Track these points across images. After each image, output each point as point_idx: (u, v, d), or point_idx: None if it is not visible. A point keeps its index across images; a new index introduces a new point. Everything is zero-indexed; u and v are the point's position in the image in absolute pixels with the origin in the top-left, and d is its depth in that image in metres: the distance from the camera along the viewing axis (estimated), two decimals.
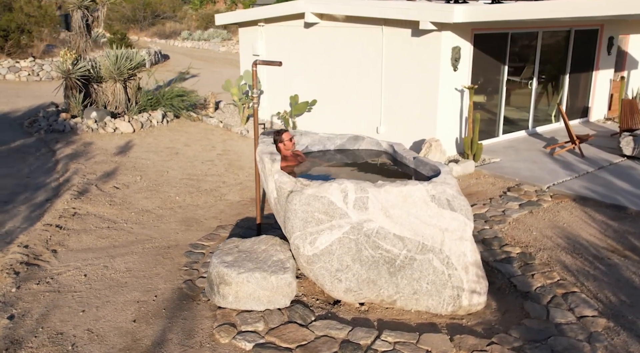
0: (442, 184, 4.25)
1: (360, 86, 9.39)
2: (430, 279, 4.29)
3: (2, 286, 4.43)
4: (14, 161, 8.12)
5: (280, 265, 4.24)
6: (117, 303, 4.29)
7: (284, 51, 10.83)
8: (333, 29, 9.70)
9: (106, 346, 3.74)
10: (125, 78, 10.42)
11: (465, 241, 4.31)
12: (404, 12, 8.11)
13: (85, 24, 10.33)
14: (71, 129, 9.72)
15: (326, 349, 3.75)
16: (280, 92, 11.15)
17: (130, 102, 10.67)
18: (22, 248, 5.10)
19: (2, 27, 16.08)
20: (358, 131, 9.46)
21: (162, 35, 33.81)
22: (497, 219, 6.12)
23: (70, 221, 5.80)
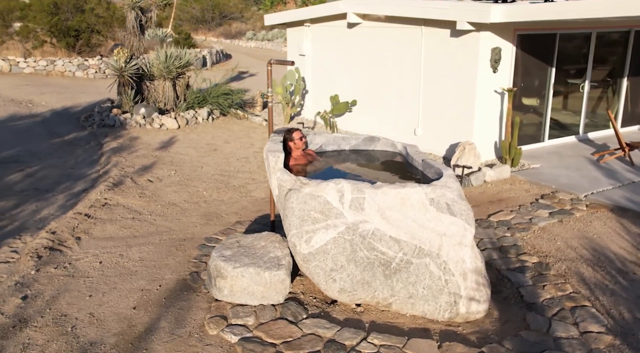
0: (442, 188, 4.16)
1: (399, 87, 9.29)
2: (427, 284, 4.21)
3: (24, 269, 4.75)
4: (64, 152, 8.64)
5: (275, 261, 4.30)
6: (123, 290, 4.50)
7: (328, 51, 10.88)
8: (374, 29, 9.65)
9: (102, 330, 3.93)
10: (174, 76, 10.83)
11: (464, 247, 4.20)
12: (441, 11, 7.96)
13: (139, 24, 10.81)
14: (121, 124, 10.22)
15: (310, 347, 3.77)
16: (324, 92, 11.21)
17: (179, 99, 11.08)
18: (49, 234, 5.44)
19: (74, 27, 17.10)
20: (396, 132, 9.38)
21: (228, 35, 34.76)
22: (521, 227, 5.90)
23: (99, 211, 6.12)
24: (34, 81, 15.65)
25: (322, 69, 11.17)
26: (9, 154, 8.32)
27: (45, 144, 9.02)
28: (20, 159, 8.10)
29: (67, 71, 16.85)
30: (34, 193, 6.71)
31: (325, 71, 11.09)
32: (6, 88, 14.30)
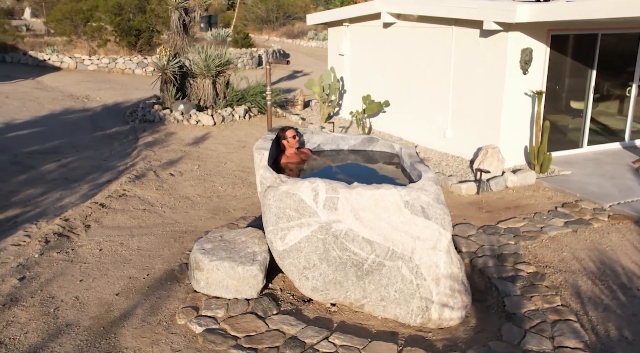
0: (417, 191, 4.09)
1: (430, 87, 9.12)
2: (398, 287, 4.15)
3: (30, 252, 5.08)
4: (102, 145, 9.13)
5: (251, 257, 4.37)
6: (112, 276, 4.72)
7: (365, 50, 10.85)
8: (408, 29, 9.53)
9: (82, 313, 4.15)
10: (214, 74, 11.15)
11: (438, 251, 4.11)
12: (468, 11, 7.75)
13: (182, 24, 11.21)
14: (160, 119, 10.65)
15: (270, 343, 3.82)
16: (361, 91, 11.17)
17: (218, 97, 11.40)
18: (62, 221, 5.78)
19: (135, 27, 17.95)
20: (426, 134, 9.22)
21: (291, 35, 35.21)
22: (529, 235, 5.66)
23: (114, 201, 6.44)
24: (96, 77, 16.57)
25: (359, 69, 11.15)
26: (52, 146, 8.88)
27: (87, 137, 9.55)
28: (60, 151, 8.63)
29: (127, 68, 17.72)
30: (63, 182, 7.13)
31: (362, 70, 11.06)
32: (69, 84, 15.23)
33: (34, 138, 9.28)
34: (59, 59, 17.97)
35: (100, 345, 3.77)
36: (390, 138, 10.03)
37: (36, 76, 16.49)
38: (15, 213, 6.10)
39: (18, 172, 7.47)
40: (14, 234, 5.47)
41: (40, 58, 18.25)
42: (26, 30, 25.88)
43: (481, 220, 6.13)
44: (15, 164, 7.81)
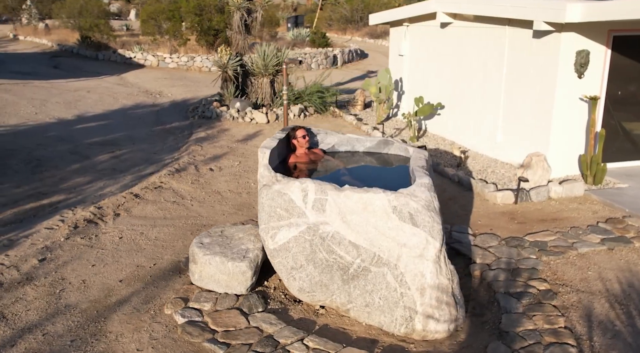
0: (406, 196, 3.95)
1: (483, 90, 8.76)
2: (383, 294, 4.04)
3: (58, 236, 5.47)
4: (157, 139, 9.60)
5: (243, 253, 4.43)
6: (122, 264, 4.97)
7: (423, 51, 10.60)
8: (463, 30, 9.20)
9: (83, 295, 4.41)
10: (272, 73, 11.36)
11: (425, 260, 3.95)
12: (519, 10, 7.35)
13: (244, 24, 11.52)
14: (217, 116, 11.02)
15: (244, 339, 3.86)
16: (417, 93, 10.93)
17: (276, 95, 11.60)
18: (95, 208, 6.16)
19: (213, 27, 18.68)
20: (478, 138, 8.87)
21: (373, 35, 35.02)
22: (555, 250, 5.29)
23: (149, 193, 6.75)
24: (173, 75, 17.43)
25: (416, 70, 10.91)
26: (111, 138, 9.47)
27: (147, 131, 10.09)
28: (118, 143, 9.18)
29: (204, 66, 18.46)
30: (110, 173, 7.59)
31: (419, 72, 10.81)
32: (147, 81, 16.14)
33: (98, 130, 9.93)
34: (143, 57, 19.09)
35: (89, 327, 3.98)
36: (443, 141, 9.74)
37: (121, 72, 17.63)
38: (59, 199, 6.57)
39: (74, 161, 8.03)
40: (50, 218, 5.90)
41: (127, 56, 19.49)
42: (126, 30, 27.71)
43: (509, 231, 5.80)
44: (74, 154, 8.41)
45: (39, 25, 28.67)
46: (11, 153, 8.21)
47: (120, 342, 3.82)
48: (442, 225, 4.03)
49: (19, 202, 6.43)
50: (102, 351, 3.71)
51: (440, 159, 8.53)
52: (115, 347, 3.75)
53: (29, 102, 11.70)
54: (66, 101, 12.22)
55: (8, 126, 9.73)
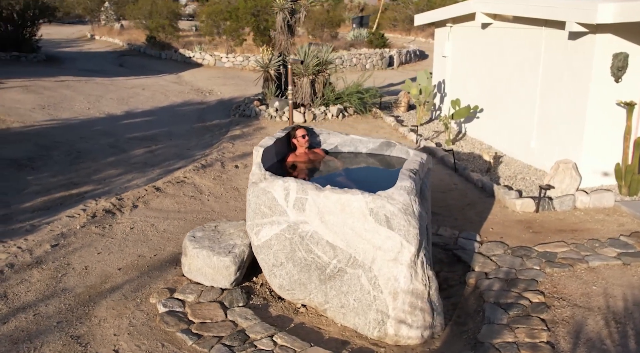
0: (383, 199, 3.91)
1: (519, 93, 8.45)
2: (357, 296, 4.02)
3: (75, 224, 5.80)
4: (194, 136, 9.93)
5: (229, 248, 4.53)
6: (126, 253, 5.21)
7: (464, 52, 10.35)
8: (502, 31, 8.91)
9: (81, 281, 4.67)
10: (313, 73, 11.45)
11: (400, 265, 3.89)
12: (551, 10, 7.05)
13: (287, 25, 11.68)
14: (256, 115, 11.24)
15: (217, 332, 3.96)
16: (458, 95, 10.68)
17: (316, 95, 11.68)
18: (116, 199, 6.47)
19: (269, 27, 19.02)
20: (512, 143, 8.57)
21: None
22: (563, 262, 5.04)
23: (170, 187, 7.01)
24: (227, 74, 17.91)
25: (458, 72, 10.67)
26: (151, 133, 9.88)
27: (187, 128, 10.45)
28: (156, 138, 9.57)
29: (258, 66, 18.82)
30: (141, 167, 7.94)
31: (460, 73, 10.56)
32: (202, 79, 16.68)
33: (142, 126, 10.40)
34: (202, 56, 19.73)
35: (77, 311, 4.21)
36: (480, 145, 9.47)
37: (179, 71, 18.31)
38: (87, 189, 6.96)
39: (111, 154, 8.47)
40: (74, 207, 6.26)
41: (187, 55, 20.21)
42: (195, 31, 28.73)
43: (519, 240, 5.58)
44: (113, 147, 8.86)
45: (115, 25, 30.28)
46: (56, 145, 8.76)
47: (102, 326, 4.02)
48: (423, 229, 3.96)
49: (51, 191, 6.86)
50: (82, 334, 3.92)
51: (471, 164, 8.31)
52: (95, 331, 3.95)
53: (85, 98, 12.41)
54: (120, 98, 12.86)
55: (60, 120, 10.38)
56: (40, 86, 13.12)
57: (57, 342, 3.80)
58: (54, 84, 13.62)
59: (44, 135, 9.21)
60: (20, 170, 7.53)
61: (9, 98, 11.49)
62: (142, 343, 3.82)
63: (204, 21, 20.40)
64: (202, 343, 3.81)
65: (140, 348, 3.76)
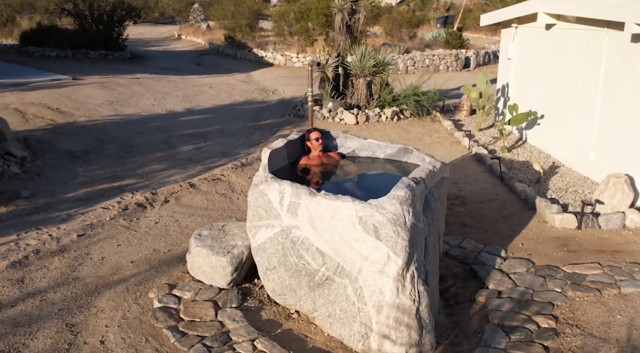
0: (372, 208, 3.76)
1: (579, 100, 7.87)
2: (343, 306, 3.90)
3: (106, 215, 6.07)
4: (244, 134, 10.10)
5: (228, 249, 4.54)
6: (143, 246, 5.37)
7: (528, 55, 9.79)
8: (564, 32, 8.33)
9: (93, 271, 4.86)
10: (370, 74, 11.29)
11: (386, 277, 3.72)
12: (611, 11, 6.49)
13: (346, 25, 11.59)
14: None
15: (201, 331, 3.98)
16: (519, 100, 10.12)
17: (372, 97, 11.51)
18: (151, 194, 6.71)
19: None
20: (571, 153, 8.01)
21: None
22: (590, 286, 4.62)
23: (204, 184, 7.17)
24: (295, 73, 18.08)
25: (521, 75, 10.11)
26: (204, 131, 10.17)
27: (239, 126, 10.65)
28: (207, 135, 9.83)
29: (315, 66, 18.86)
30: (184, 163, 8.19)
31: (523, 77, 10.01)
32: (269, 79, 16.97)
33: (197, 123, 10.73)
34: (273, 56, 20.08)
35: (80, 300, 4.39)
36: (538, 154, 8.91)
37: (250, 70, 18.74)
38: (129, 183, 7.27)
39: (160, 150, 8.80)
40: (110, 199, 6.56)
41: (260, 55, 20.65)
42: None
43: (549, 259, 5.18)
44: (165, 143, 9.20)
45: (202, 25, 31.55)
46: (113, 139, 9.23)
47: (97, 316, 4.17)
48: (416, 241, 3.76)
49: (95, 182, 7.23)
50: (77, 323, 4.08)
51: (522, 174, 7.84)
52: (90, 321, 4.10)
53: (153, 95, 13.00)
54: (185, 95, 13.35)
55: (123, 115, 10.94)
56: (115, 82, 13.91)
57: (51, 328, 3.98)
58: (128, 81, 14.39)
59: (103, 129, 9.75)
60: (74, 162, 8.00)
61: (84, 94, 12.27)
62: (128, 337, 3.91)
63: (276, 22, 20.74)
64: (183, 342, 3.84)
65: (124, 342, 3.86)
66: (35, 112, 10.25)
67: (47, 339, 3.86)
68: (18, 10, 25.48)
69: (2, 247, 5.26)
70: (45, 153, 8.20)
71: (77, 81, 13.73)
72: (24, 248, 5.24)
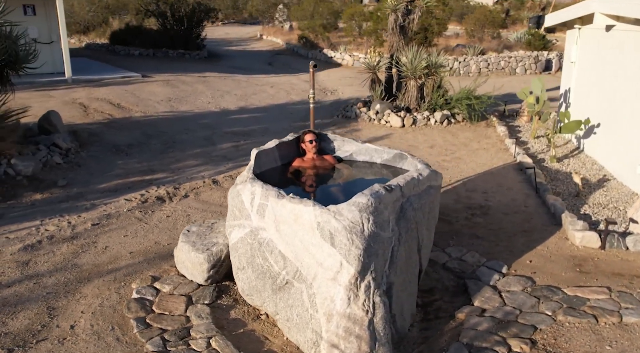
0: (329, 213, 3.68)
1: (633, 107, 7.23)
2: (299, 312, 3.85)
3: (126, 207, 6.37)
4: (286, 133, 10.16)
5: (208, 246, 4.62)
6: (147, 238, 5.59)
7: (589, 58, 9.13)
8: (624, 34, 7.69)
9: (93, 259, 5.13)
10: (421, 76, 11.01)
11: (338, 285, 3.63)
12: None
13: (399, 26, 11.37)
14: (356, 116, 11.16)
15: (164, 325, 4.08)
16: (578, 106, 9.45)
17: (423, 100, 11.21)
18: (173, 188, 6.96)
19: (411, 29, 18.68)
20: (622, 165, 7.42)
21: None
22: (587, 312, 4.25)
23: (227, 181, 7.32)
24: (361, 75, 17.88)
25: (582, 80, 9.44)
26: (249, 129, 10.37)
27: (285, 125, 10.76)
28: (250, 134, 10.02)
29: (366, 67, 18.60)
30: (219, 160, 8.40)
31: (583, 81, 9.35)
32: (333, 79, 17.01)
33: (245, 121, 10.97)
34: (342, 56, 20.09)
35: (70, 285, 4.65)
36: (591, 166, 8.30)
37: (318, 70, 18.86)
38: (159, 177, 7.58)
39: (200, 146, 9.09)
40: (135, 191, 6.89)
41: (329, 55, 20.74)
42: None
43: (554, 279, 4.81)
44: (206, 140, 9.49)
45: (285, 26, 32.22)
46: (159, 134, 9.67)
47: (79, 302, 4.39)
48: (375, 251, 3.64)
49: (129, 175, 7.60)
50: (59, 307, 4.32)
51: (563, 186, 7.34)
52: (70, 306, 4.33)
53: (213, 93, 13.46)
54: (243, 94, 13.69)
55: (177, 112, 11.41)
56: (180, 80, 14.54)
57: (33, 310, 4.25)
58: (194, 79, 14.99)
59: (154, 125, 10.23)
60: (116, 154, 8.47)
61: (148, 90, 12.94)
62: (97, 324, 4.09)
63: (346, 22, 20.72)
64: (144, 333, 3.96)
65: (91, 328, 4.04)
66: (97, 107, 10.95)
67: (26, 320, 4.13)
68: (113, 11, 27.34)
69: (24, 231, 5.68)
70: (93, 145, 8.75)
71: (146, 78, 14.50)
72: (41, 233, 5.63)
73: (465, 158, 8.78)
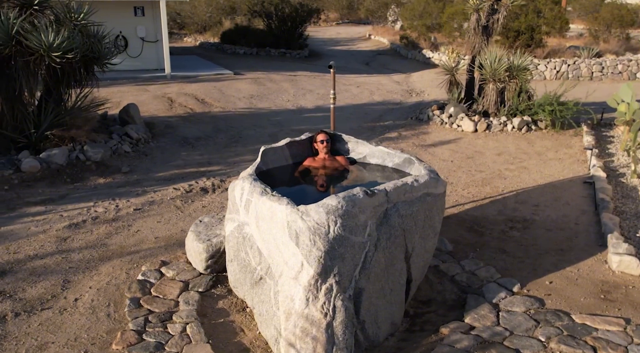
0: (297, 213, 3.70)
1: None
2: (267, 308, 3.93)
3: (170, 196, 6.80)
4: (352, 134, 10.16)
5: (210, 237, 4.82)
6: (176, 226, 5.93)
7: None
8: None
9: (123, 240, 5.55)
10: (502, 80, 10.45)
11: (298, 285, 3.65)
12: None
13: (482, 26, 10.87)
14: (428, 119, 10.85)
15: (153, 307, 4.33)
16: None
17: (503, 104, 10.64)
18: (219, 181, 7.30)
19: (514, 28, 17.72)
20: None
21: None
22: (589, 343, 3.88)
23: None
24: None
25: None
26: (316, 127, 10.39)
27: (354, 126, 10.76)
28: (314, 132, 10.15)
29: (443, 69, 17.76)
30: None
31: None
32: (425, 80, 16.63)
33: (315, 120, 11.12)
34: (439, 57, 19.55)
35: (92, 262, 5.09)
36: None
37: (412, 71, 18.56)
38: (213, 169, 7.97)
39: (261, 142, 9.37)
40: (185, 182, 7.31)
41: (427, 56, 20.30)
42: None
43: (568, 304, 4.42)
44: (271, 136, 9.78)
45: (396, 26, 32.05)
46: (228, 129, 10.13)
47: (92, 279, 4.80)
48: (340, 254, 3.61)
49: (187, 166, 8.08)
50: (74, 281, 4.76)
51: (634, 205, 6.65)
52: (83, 281, 4.75)
53: (296, 92, 13.79)
54: (325, 93, 13.86)
55: (253, 108, 11.86)
56: (269, 78, 15.07)
57: (51, 281, 4.72)
58: (283, 77, 15.46)
59: (227, 120, 10.73)
60: (182, 146, 9.02)
61: (234, 87, 13.58)
62: (97, 299, 4.46)
63: (445, 22, 20.12)
64: (132, 313, 4.24)
65: (91, 303, 4.40)
66: (182, 102, 11.72)
67: (42, 289, 4.60)
68: (227, 12, 28.90)
69: (76, 211, 6.29)
70: (165, 136, 9.40)
71: (237, 76, 15.20)
72: (89, 214, 6.20)
73: (532, 167, 8.23)
